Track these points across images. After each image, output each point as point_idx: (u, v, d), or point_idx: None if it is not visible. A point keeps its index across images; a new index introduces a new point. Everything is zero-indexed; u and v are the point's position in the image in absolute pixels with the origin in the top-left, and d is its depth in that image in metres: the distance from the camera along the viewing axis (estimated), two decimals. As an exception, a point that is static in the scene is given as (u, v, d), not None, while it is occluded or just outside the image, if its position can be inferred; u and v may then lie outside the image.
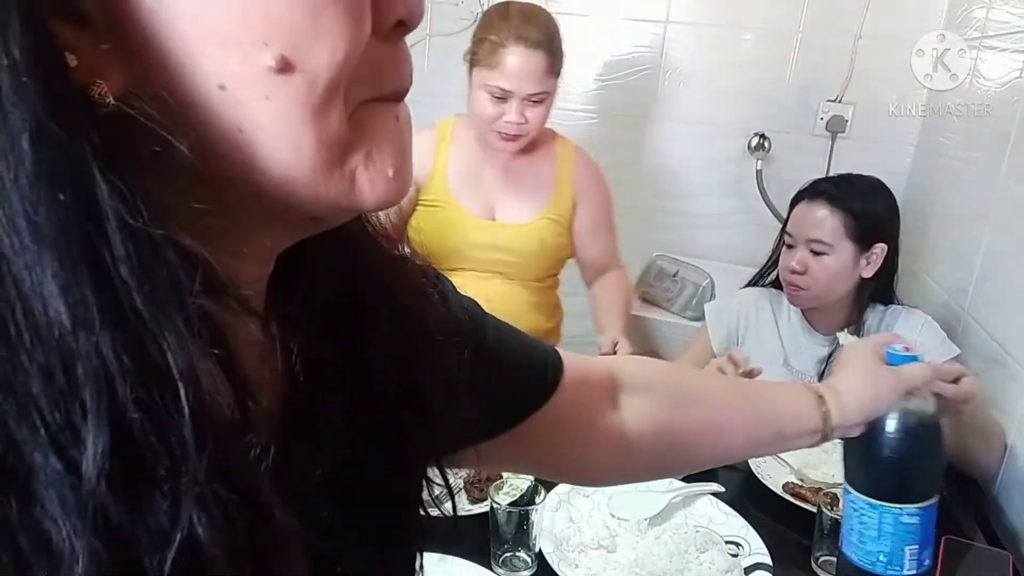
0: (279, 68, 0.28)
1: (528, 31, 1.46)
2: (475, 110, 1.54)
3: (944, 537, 1.07)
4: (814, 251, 1.42)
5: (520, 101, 1.48)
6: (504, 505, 0.95)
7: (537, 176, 1.65)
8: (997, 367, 1.38)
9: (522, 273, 1.67)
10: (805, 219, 1.44)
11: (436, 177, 1.64)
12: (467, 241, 1.62)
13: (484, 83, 1.49)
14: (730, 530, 1.06)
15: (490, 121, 1.51)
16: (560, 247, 1.68)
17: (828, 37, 2.16)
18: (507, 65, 1.46)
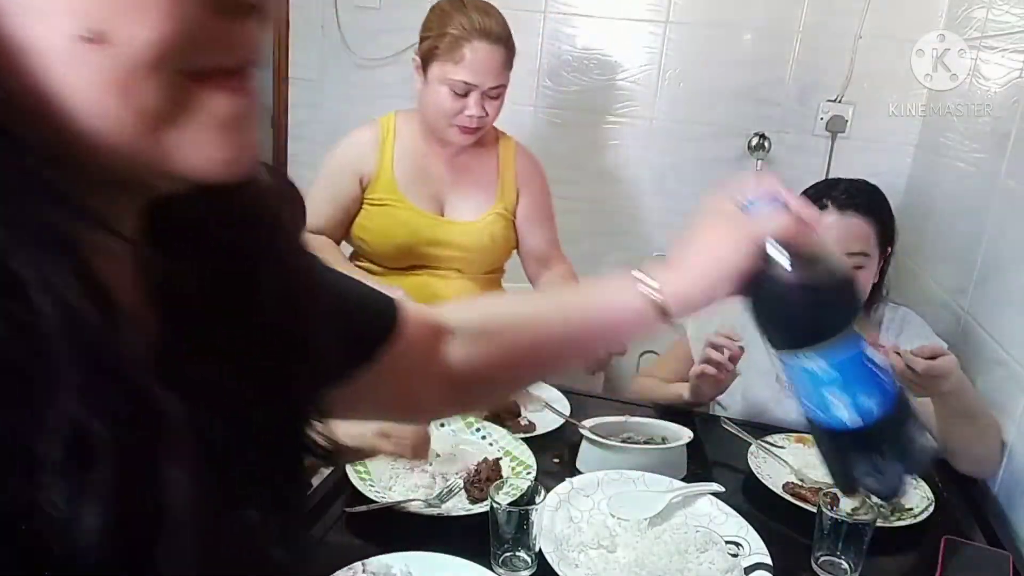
0: (89, 39, 0.28)
1: (489, 25, 1.49)
2: (433, 105, 1.54)
3: (944, 537, 1.08)
4: (857, 266, 1.35)
5: (481, 95, 1.51)
6: (504, 505, 0.95)
7: (482, 171, 1.68)
8: (997, 367, 1.38)
9: (473, 268, 1.69)
10: (841, 232, 1.36)
11: (382, 175, 1.62)
12: (419, 239, 1.62)
13: (446, 77, 1.50)
14: (730, 530, 1.06)
15: (450, 115, 1.53)
16: (508, 240, 1.71)
17: (828, 37, 2.16)
18: (470, 60, 1.48)
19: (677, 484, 1.16)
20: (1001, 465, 1.32)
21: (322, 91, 2.58)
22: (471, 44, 1.48)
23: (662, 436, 1.28)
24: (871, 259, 1.38)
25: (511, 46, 1.55)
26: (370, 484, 1.11)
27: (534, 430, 1.34)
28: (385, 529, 1.03)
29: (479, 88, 1.51)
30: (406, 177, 1.63)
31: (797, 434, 1.39)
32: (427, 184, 1.64)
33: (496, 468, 1.14)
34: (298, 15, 2.54)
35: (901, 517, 1.14)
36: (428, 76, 1.54)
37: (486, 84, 1.51)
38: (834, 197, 1.39)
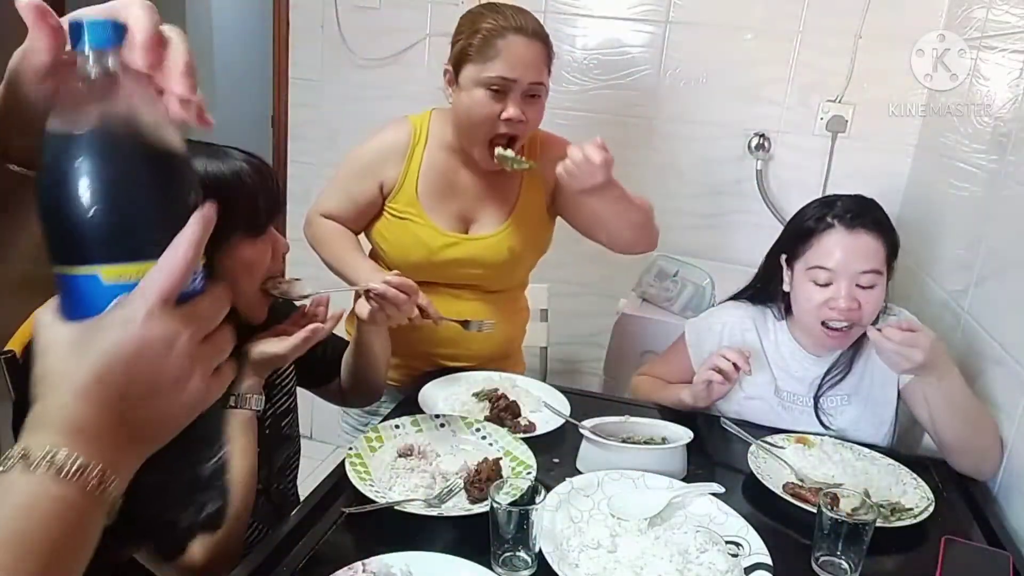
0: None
1: (525, 21, 1.40)
2: (467, 112, 1.42)
3: (944, 537, 1.08)
4: (860, 284, 1.32)
5: (520, 94, 1.40)
6: (504, 505, 0.95)
7: (506, 182, 1.56)
8: (997, 367, 1.38)
9: (492, 284, 1.61)
10: (850, 251, 1.32)
11: (405, 188, 1.52)
12: (433, 259, 1.53)
13: (481, 77, 1.38)
14: (730, 530, 1.06)
15: (489, 121, 1.40)
16: (535, 248, 1.62)
17: (828, 37, 2.16)
18: (507, 53, 1.37)
19: (677, 484, 1.16)
20: (1000, 466, 1.32)
21: (322, 91, 2.59)
22: (506, 38, 1.37)
23: (662, 436, 1.28)
24: (883, 276, 1.34)
25: (549, 44, 1.44)
26: (370, 484, 1.11)
27: (534, 430, 1.34)
28: (385, 529, 1.03)
29: (518, 84, 1.38)
30: (430, 192, 1.53)
31: (797, 434, 1.39)
32: (452, 200, 1.55)
33: (496, 468, 1.13)
34: (298, 15, 2.55)
35: (901, 517, 1.14)
36: (461, 81, 1.42)
37: (525, 79, 1.38)
38: (838, 215, 1.34)
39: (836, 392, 1.44)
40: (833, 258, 1.33)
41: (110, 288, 0.46)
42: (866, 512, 1.02)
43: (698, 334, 1.55)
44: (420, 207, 1.53)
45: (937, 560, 1.03)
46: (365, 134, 2.58)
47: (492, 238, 1.55)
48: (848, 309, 1.31)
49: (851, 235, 1.33)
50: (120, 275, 0.46)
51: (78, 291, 0.47)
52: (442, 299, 1.49)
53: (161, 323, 0.46)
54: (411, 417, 1.31)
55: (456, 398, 1.45)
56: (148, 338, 0.45)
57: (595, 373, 2.41)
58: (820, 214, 1.37)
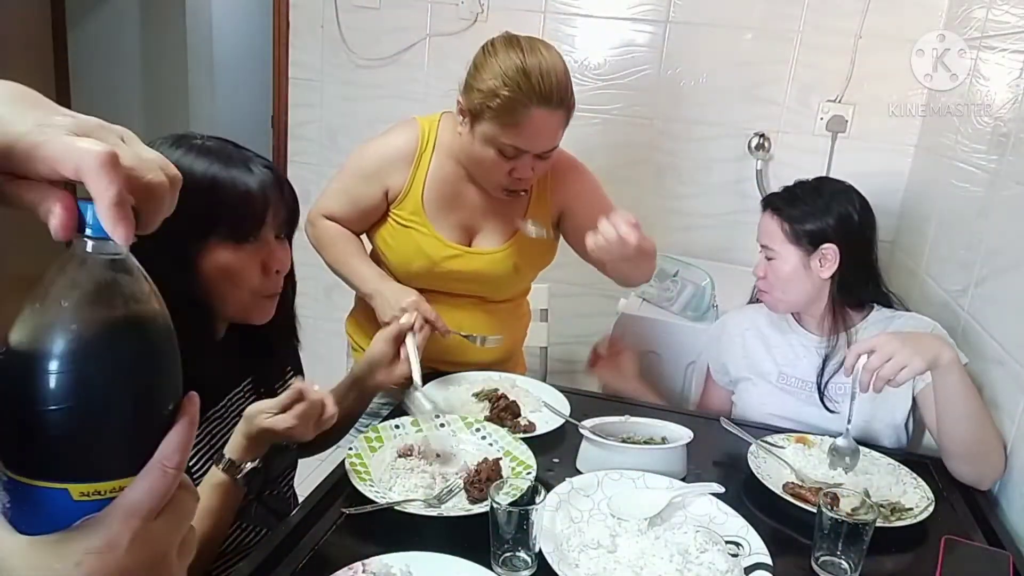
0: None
1: (550, 90, 1.31)
2: (477, 161, 1.40)
3: (944, 537, 1.08)
4: (768, 257, 1.50)
5: (532, 157, 1.37)
6: (504, 505, 0.95)
7: (517, 199, 1.52)
8: (997, 367, 1.38)
9: (493, 296, 1.60)
10: (760, 228, 1.54)
11: (411, 196, 1.50)
12: (435, 270, 1.52)
13: (495, 139, 1.34)
14: (730, 530, 1.06)
15: (495, 174, 1.40)
16: (538, 265, 1.63)
17: (828, 37, 2.16)
18: (526, 127, 1.32)
19: (677, 484, 1.16)
20: (1001, 475, 1.31)
21: (322, 91, 2.59)
22: (528, 111, 1.30)
23: (662, 436, 1.28)
24: (779, 253, 1.48)
25: (570, 104, 1.36)
26: (370, 484, 1.11)
27: (534, 430, 1.34)
28: (385, 529, 1.03)
29: (530, 153, 1.36)
30: (435, 202, 1.50)
31: (797, 434, 1.39)
32: (458, 211, 1.52)
33: (496, 468, 1.13)
34: (298, 15, 2.55)
35: (901, 517, 1.14)
36: (475, 130, 1.37)
37: (539, 148, 1.36)
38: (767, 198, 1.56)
39: (841, 380, 1.45)
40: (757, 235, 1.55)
41: (80, 505, 0.41)
42: (866, 512, 1.02)
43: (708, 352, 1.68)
44: (424, 216, 1.51)
45: (937, 560, 1.03)
46: (365, 134, 2.58)
47: (496, 254, 1.54)
48: (760, 277, 1.53)
49: (762, 216, 1.55)
50: (94, 491, 0.41)
51: (40, 504, 0.41)
52: (441, 308, 1.48)
53: (147, 546, 0.41)
54: (411, 417, 1.31)
55: (456, 398, 1.45)
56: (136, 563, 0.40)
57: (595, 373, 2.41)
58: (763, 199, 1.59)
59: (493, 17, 2.35)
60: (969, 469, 1.31)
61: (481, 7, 2.35)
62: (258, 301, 1.07)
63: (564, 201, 1.55)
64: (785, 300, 1.51)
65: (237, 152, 1.03)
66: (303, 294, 1.27)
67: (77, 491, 0.41)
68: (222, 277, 1.01)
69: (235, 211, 0.99)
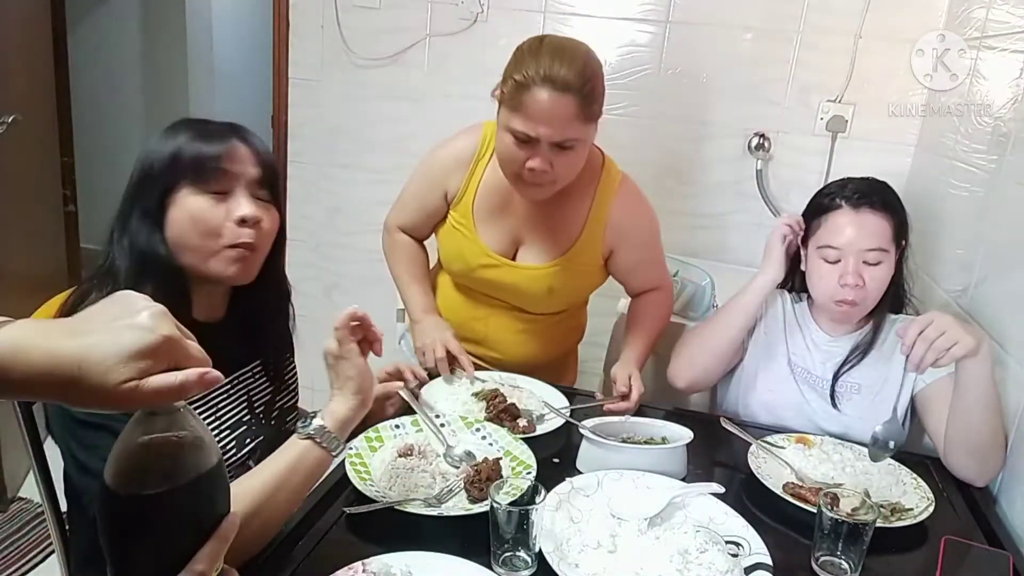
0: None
1: (557, 70, 1.27)
2: (500, 151, 1.39)
3: (944, 537, 1.08)
4: (867, 262, 1.37)
5: (547, 147, 1.32)
6: (504, 505, 0.95)
7: (569, 215, 1.50)
8: (997, 367, 1.38)
9: (530, 309, 1.61)
10: (856, 229, 1.37)
11: (464, 200, 1.53)
12: (472, 276, 1.56)
13: (507, 125, 1.33)
14: (730, 530, 1.06)
15: (512, 164, 1.37)
16: (577, 290, 1.61)
17: (828, 37, 2.16)
18: (530, 108, 1.29)
19: (677, 484, 1.15)
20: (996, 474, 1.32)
21: (322, 91, 2.59)
22: (531, 91, 1.28)
23: (662, 436, 1.28)
24: (889, 254, 1.38)
25: (588, 95, 1.30)
26: (370, 484, 1.11)
27: (533, 431, 1.34)
28: (385, 529, 1.03)
29: (540, 141, 1.32)
30: (485, 209, 1.52)
31: (797, 434, 1.39)
32: (505, 220, 1.52)
33: (496, 468, 1.13)
34: (298, 15, 2.55)
35: (901, 517, 1.14)
36: (499, 118, 1.38)
37: (549, 138, 1.31)
38: (847, 196, 1.40)
39: (849, 378, 1.46)
40: (839, 236, 1.38)
41: None
42: (866, 512, 1.02)
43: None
44: (472, 221, 1.53)
45: (937, 560, 1.03)
46: (365, 134, 2.58)
47: (535, 271, 1.53)
48: (854, 286, 1.36)
49: (857, 214, 1.38)
50: None
51: None
52: (478, 310, 1.60)
53: None
54: (411, 417, 1.31)
55: (456, 398, 1.45)
56: None
57: (595, 373, 2.41)
58: (831, 194, 1.43)
59: (493, 17, 2.35)
60: (973, 463, 1.31)
61: (481, 7, 2.35)
62: (223, 254, 1.05)
63: (617, 238, 1.53)
64: (867, 308, 1.42)
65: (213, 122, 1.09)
66: (303, 294, 1.27)
67: None
68: (190, 224, 1.03)
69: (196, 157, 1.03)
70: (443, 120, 2.47)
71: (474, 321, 1.64)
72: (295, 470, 0.96)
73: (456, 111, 2.45)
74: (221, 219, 1.04)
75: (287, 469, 0.96)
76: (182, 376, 0.53)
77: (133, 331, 0.53)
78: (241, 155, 1.06)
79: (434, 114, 2.48)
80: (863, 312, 1.43)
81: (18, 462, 2.37)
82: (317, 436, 0.98)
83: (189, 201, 1.03)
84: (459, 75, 2.42)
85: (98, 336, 0.52)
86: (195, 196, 1.03)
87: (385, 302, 2.01)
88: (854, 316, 1.44)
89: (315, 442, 0.98)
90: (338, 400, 1.01)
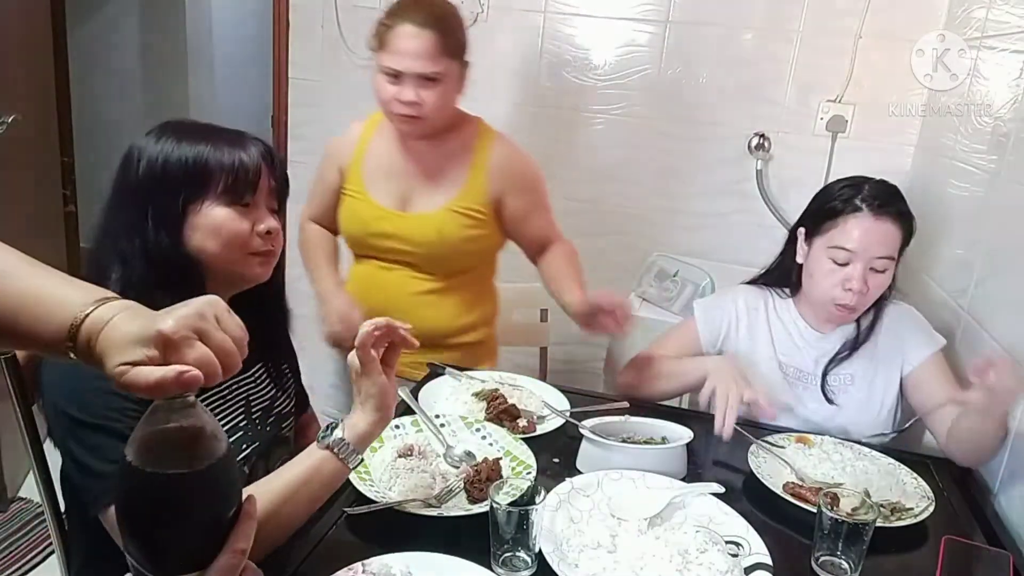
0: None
1: (417, 12, 1.48)
2: (376, 92, 1.55)
3: (944, 537, 1.08)
4: (874, 268, 1.37)
5: (415, 80, 1.48)
6: (504, 505, 0.95)
7: (452, 166, 1.63)
8: (997, 367, 1.38)
9: (429, 265, 1.65)
10: (872, 236, 1.36)
11: (354, 168, 1.66)
12: (367, 231, 1.65)
13: (379, 65, 1.51)
14: (730, 530, 1.06)
15: (387, 102, 1.52)
16: (468, 239, 1.64)
17: (828, 37, 2.16)
18: (394, 45, 1.48)
19: (677, 484, 1.15)
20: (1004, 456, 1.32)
21: (322, 91, 2.58)
22: (394, 29, 1.48)
23: (662, 436, 1.28)
24: (894, 262, 1.39)
25: (446, 31, 1.49)
26: (370, 484, 1.11)
27: (533, 431, 1.34)
28: (385, 529, 1.03)
29: (408, 74, 1.47)
30: (372, 171, 1.65)
31: (797, 434, 1.39)
32: (392, 178, 1.64)
33: (496, 468, 1.13)
34: (298, 15, 2.54)
35: (901, 517, 1.14)
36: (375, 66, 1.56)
37: (413, 70, 1.47)
38: (867, 200, 1.38)
39: (842, 371, 1.47)
40: (855, 240, 1.37)
41: None
42: (866, 512, 1.02)
43: (706, 311, 1.59)
44: (363, 184, 1.65)
45: (937, 560, 1.03)
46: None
47: (424, 217, 1.63)
48: (858, 292, 1.37)
49: (876, 221, 1.37)
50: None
51: None
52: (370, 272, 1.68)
53: None
54: (411, 417, 1.31)
55: (457, 397, 1.45)
56: None
57: (595, 373, 2.41)
58: (849, 195, 1.41)
59: (493, 17, 2.35)
60: (976, 458, 1.34)
61: (481, 7, 2.35)
62: (247, 259, 1.08)
63: (502, 183, 1.64)
64: (860, 311, 1.44)
65: (228, 130, 1.10)
66: (301, 293, 1.27)
67: None
68: (214, 234, 1.04)
69: (232, 174, 1.04)
70: (443, 120, 2.47)
71: (376, 291, 1.69)
72: (311, 479, 0.96)
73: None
74: (247, 231, 1.06)
75: (303, 477, 0.96)
76: (160, 372, 0.55)
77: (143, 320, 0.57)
78: (267, 170, 1.09)
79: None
80: (856, 315, 1.45)
81: (18, 462, 2.37)
82: (335, 447, 0.97)
83: (215, 212, 1.04)
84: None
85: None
86: (221, 208, 1.04)
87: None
88: (847, 319, 1.45)
89: (333, 453, 0.97)
90: (359, 414, 1.00)
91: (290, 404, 1.28)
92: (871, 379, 1.46)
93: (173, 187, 1.02)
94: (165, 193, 1.02)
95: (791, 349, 1.51)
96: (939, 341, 1.47)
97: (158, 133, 1.06)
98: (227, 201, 1.04)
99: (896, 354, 1.46)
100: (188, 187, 1.03)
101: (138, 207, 1.03)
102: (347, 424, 0.99)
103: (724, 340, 1.55)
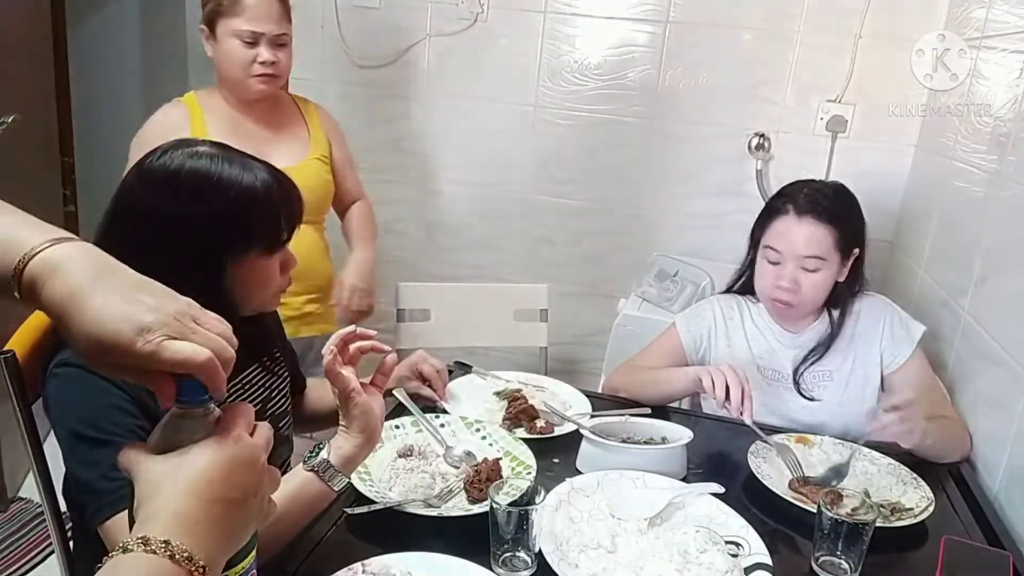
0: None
1: None
2: (228, 59, 1.66)
3: (944, 537, 1.07)
4: (805, 268, 1.42)
5: (269, 41, 1.65)
6: (504, 505, 0.95)
7: (294, 127, 1.83)
8: (997, 367, 1.38)
9: (314, 215, 1.79)
10: (796, 236, 1.42)
11: None
12: None
13: (233, 30, 1.63)
14: (730, 530, 1.06)
15: (245, 65, 1.65)
16: (328, 184, 1.86)
17: (828, 37, 2.16)
18: (250, 11, 1.63)
19: (677, 484, 1.16)
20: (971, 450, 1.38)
21: (322, 91, 2.58)
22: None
23: (662, 436, 1.28)
24: (828, 262, 1.42)
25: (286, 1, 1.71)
26: (370, 484, 1.11)
27: (551, 432, 1.34)
28: (385, 529, 1.03)
29: (265, 36, 1.65)
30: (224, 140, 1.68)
31: (797, 434, 1.39)
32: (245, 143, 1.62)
33: (496, 468, 1.13)
34: (298, 15, 2.53)
35: (901, 517, 1.14)
36: (218, 35, 1.66)
37: (272, 32, 1.65)
38: (795, 202, 1.44)
39: (818, 368, 1.50)
40: (783, 243, 1.43)
41: None
42: (866, 512, 1.02)
43: (687, 321, 1.61)
44: None
45: (937, 560, 1.03)
46: (365, 134, 2.58)
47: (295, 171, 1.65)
48: (788, 289, 1.42)
49: (800, 223, 1.42)
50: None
51: None
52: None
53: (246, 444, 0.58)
54: (411, 417, 1.31)
55: (479, 396, 1.48)
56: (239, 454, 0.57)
57: (595, 373, 2.41)
58: (784, 199, 1.47)
59: (493, 17, 2.35)
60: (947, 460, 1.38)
61: (481, 7, 2.35)
62: (274, 299, 1.12)
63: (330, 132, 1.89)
64: (806, 310, 1.48)
65: (241, 155, 1.06)
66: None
67: None
68: (253, 282, 1.05)
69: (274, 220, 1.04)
70: (443, 120, 2.47)
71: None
72: (294, 500, 0.95)
73: (456, 111, 2.45)
74: (277, 276, 1.09)
75: (287, 498, 0.94)
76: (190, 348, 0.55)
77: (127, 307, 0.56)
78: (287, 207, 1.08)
79: (434, 114, 2.48)
80: (803, 312, 1.48)
81: (18, 462, 2.37)
82: (319, 470, 0.96)
83: (259, 265, 1.04)
84: (459, 75, 2.42)
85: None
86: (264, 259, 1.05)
87: (385, 300, 2.01)
88: (790, 314, 1.49)
89: (317, 475, 0.96)
90: (343, 437, 0.99)
91: (285, 403, 1.28)
92: (848, 374, 1.49)
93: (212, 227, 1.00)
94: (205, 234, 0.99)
95: (768, 352, 1.53)
96: (919, 330, 1.50)
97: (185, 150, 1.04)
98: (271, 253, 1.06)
99: (874, 350, 1.49)
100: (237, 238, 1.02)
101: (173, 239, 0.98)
102: (332, 446, 0.99)
103: (705, 349, 1.58)
